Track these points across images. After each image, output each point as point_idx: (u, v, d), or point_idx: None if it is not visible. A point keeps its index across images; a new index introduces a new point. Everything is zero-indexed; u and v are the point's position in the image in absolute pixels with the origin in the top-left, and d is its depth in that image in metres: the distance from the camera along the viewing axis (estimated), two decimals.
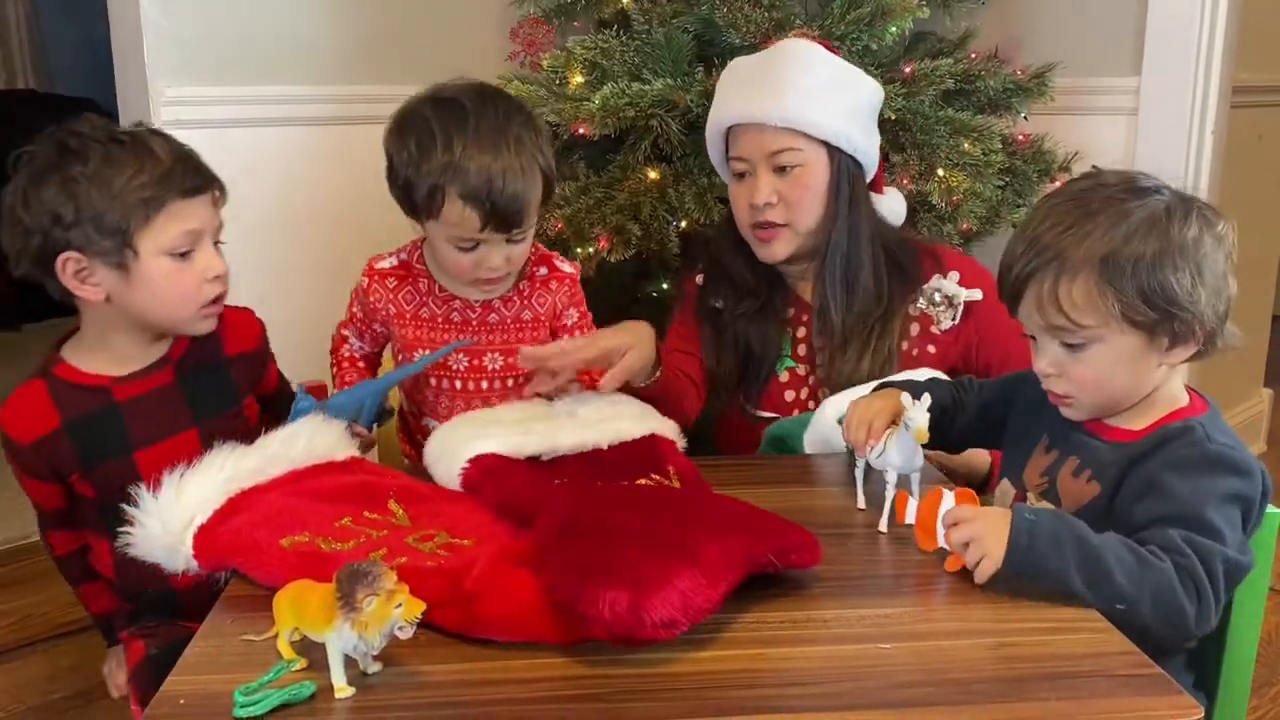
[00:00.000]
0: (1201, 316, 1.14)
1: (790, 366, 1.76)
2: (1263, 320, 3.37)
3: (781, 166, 1.66)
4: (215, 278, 1.37)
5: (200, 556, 1.17)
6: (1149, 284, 1.12)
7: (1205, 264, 1.13)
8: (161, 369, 1.42)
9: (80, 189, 1.30)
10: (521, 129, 1.47)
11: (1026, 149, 2.33)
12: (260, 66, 2.33)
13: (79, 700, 2.11)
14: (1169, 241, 1.13)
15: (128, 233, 1.31)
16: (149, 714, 0.93)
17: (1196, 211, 1.16)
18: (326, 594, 0.94)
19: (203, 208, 1.36)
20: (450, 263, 1.52)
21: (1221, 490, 1.12)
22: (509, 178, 1.42)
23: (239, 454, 1.28)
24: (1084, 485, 1.21)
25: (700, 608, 0.99)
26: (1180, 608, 1.06)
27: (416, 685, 0.97)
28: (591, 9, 2.34)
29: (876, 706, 0.92)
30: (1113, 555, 1.06)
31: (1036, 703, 0.92)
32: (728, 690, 0.96)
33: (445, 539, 1.19)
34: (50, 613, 2.38)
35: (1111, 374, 1.18)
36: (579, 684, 0.97)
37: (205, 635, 1.06)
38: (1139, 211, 1.14)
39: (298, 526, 1.18)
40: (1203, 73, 2.52)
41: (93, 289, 1.34)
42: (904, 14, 2.13)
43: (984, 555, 1.08)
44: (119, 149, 1.32)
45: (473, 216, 1.43)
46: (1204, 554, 1.08)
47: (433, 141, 1.43)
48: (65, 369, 1.40)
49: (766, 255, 1.71)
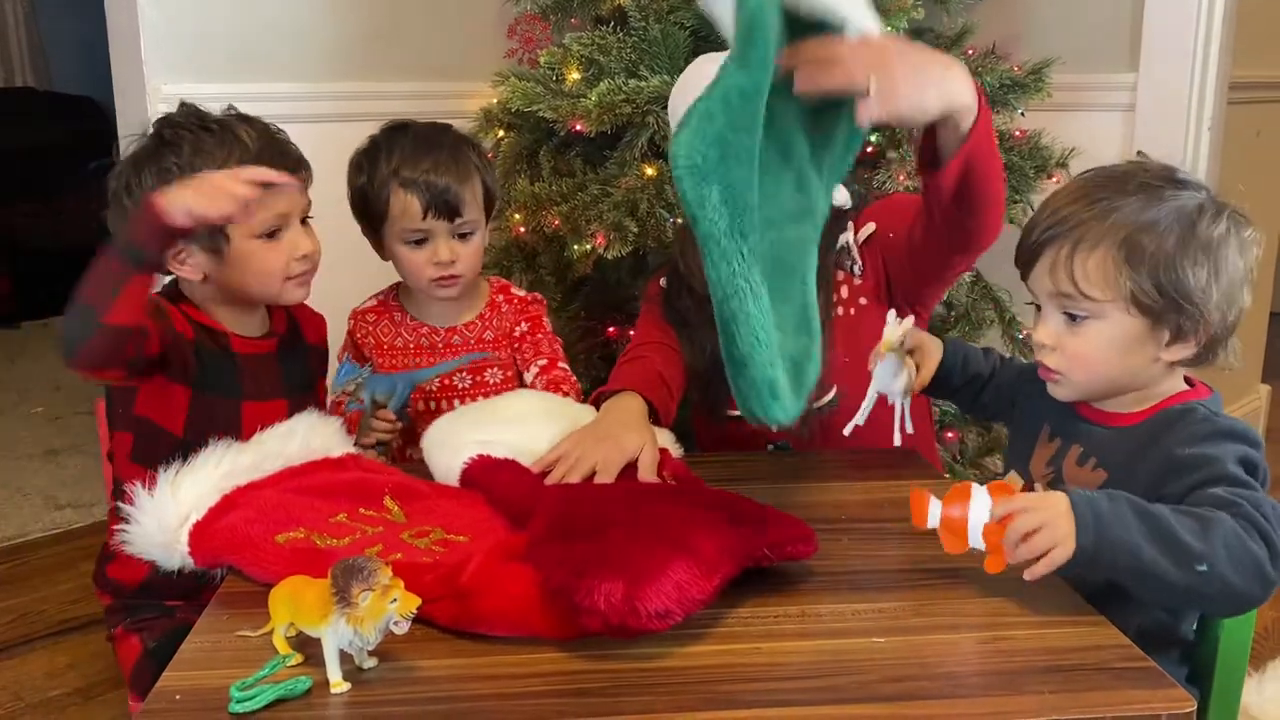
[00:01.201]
0: (1208, 317, 1.14)
1: None
2: (1261, 316, 3.37)
3: None
4: (303, 256, 1.46)
5: (196, 553, 1.17)
6: (1165, 270, 1.12)
7: (1224, 266, 1.14)
8: (269, 339, 1.54)
9: (174, 179, 1.35)
10: (459, 142, 1.68)
11: (1024, 145, 2.33)
12: (258, 63, 2.33)
13: (78, 697, 2.11)
14: (1194, 235, 1.13)
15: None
16: (145, 709, 0.93)
17: (1229, 213, 1.16)
18: (322, 589, 0.95)
19: (288, 191, 1.42)
20: (408, 265, 1.67)
21: (1237, 454, 1.11)
22: (443, 169, 1.62)
23: (235, 450, 1.28)
24: (1090, 473, 1.21)
25: (695, 599, 1.00)
26: (1254, 555, 1.01)
27: (412, 680, 0.97)
28: (588, 6, 2.34)
29: (871, 700, 0.93)
30: (1173, 518, 1.01)
31: (1030, 696, 0.92)
32: (722, 684, 0.96)
33: (440, 535, 1.19)
34: (49, 610, 2.39)
35: (1105, 355, 1.18)
36: (574, 678, 0.97)
37: (201, 631, 1.07)
38: (1171, 201, 1.15)
39: (293, 523, 1.18)
40: (1200, 68, 2.52)
41: (191, 269, 1.44)
42: (900, 12, 2.13)
43: (1054, 544, 1.01)
44: (209, 137, 1.41)
45: (413, 202, 1.61)
46: (1252, 500, 1.04)
47: (378, 154, 1.65)
48: (189, 308, 1.47)
49: None
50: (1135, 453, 1.17)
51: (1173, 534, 1.00)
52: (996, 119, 2.30)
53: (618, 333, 2.23)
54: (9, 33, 5.51)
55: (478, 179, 1.66)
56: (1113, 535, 1.00)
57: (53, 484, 3.08)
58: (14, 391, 3.83)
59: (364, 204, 1.67)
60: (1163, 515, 1.02)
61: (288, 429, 1.36)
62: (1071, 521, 1.01)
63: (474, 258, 1.68)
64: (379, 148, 1.66)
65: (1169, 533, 1.01)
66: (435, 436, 1.42)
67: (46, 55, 5.66)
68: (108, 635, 1.53)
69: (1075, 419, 1.25)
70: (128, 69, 2.21)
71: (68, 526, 2.79)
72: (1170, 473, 1.12)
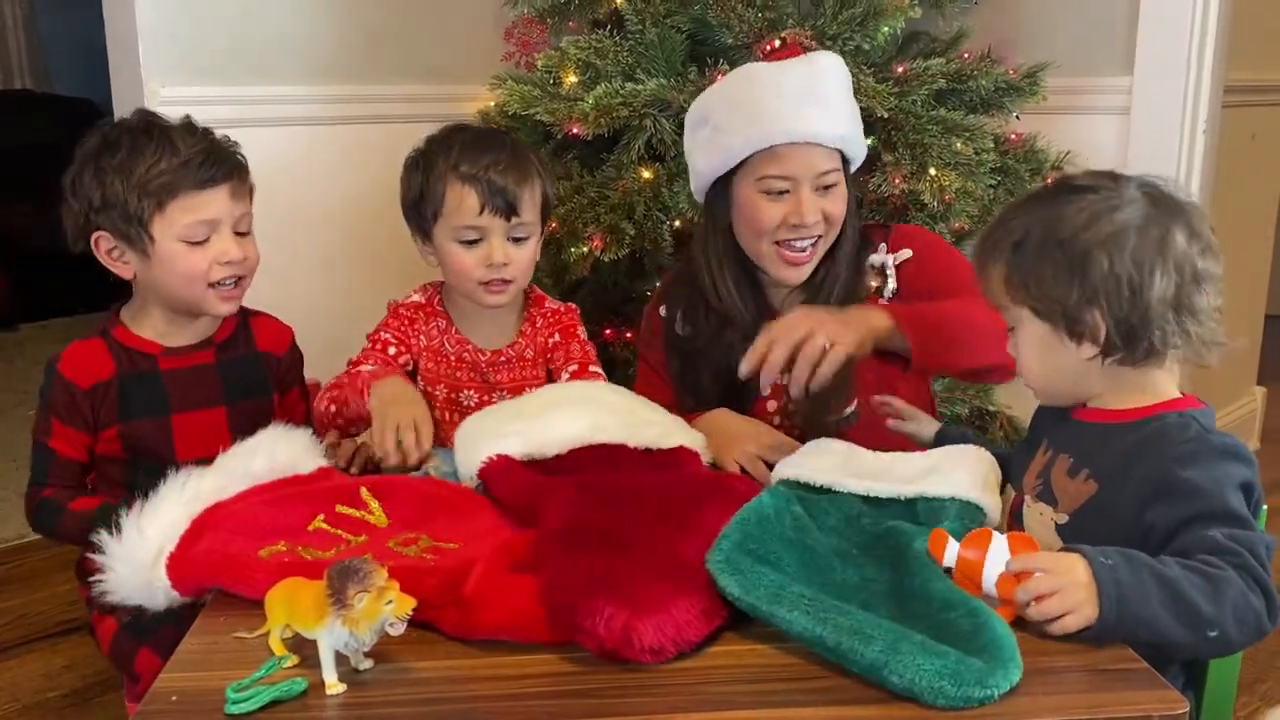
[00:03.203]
0: (1083, 314, 1.13)
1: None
2: (1256, 319, 3.38)
3: (824, 185, 1.60)
4: (228, 263, 1.48)
5: (178, 584, 1.13)
6: (1030, 273, 1.15)
7: (1091, 258, 1.11)
8: (204, 349, 1.56)
9: (108, 178, 1.44)
10: (520, 146, 1.64)
11: (1019, 148, 2.33)
12: (255, 66, 2.33)
13: (75, 699, 2.11)
14: (1055, 232, 1.14)
15: (144, 219, 1.44)
16: (142, 709, 0.93)
17: (1106, 202, 1.14)
18: (318, 591, 0.95)
19: (218, 198, 1.47)
20: (458, 266, 1.60)
21: (1235, 478, 1.10)
22: (504, 166, 1.57)
23: (198, 475, 1.25)
24: (1080, 485, 1.20)
25: (690, 640, 1.00)
26: (1255, 612, 1.02)
27: (407, 682, 0.97)
28: (585, 9, 2.35)
29: (865, 701, 0.93)
30: (1187, 582, 1.01)
31: (1024, 697, 0.92)
32: (717, 685, 0.96)
33: (428, 542, 1.19)
34: (47, 611, 2.39)
35: (1031, 362, 1.21)
36: (569, 680, 0.97)
37: (198, 632, 1.07)
38: (1065, 204, 1.15)
39: (272, 535, 1.17)
40: (1195, 72, 2.53)
41: (124, 266, 1.49)
42: (896, 14, 2.14)
43: (1069, 611, 0.99)
44: (145, 140, 1.45)
45: (471, 196, 1.56)
46: (1250, 546, 1.04)
47: (437, 150, 1.61)
48: (122, 331, 1.54)
49: (794, 276, 1.64)
50: (1127, 461, 1.16)
51: (1188, 601, 1.00)
52: (992, 122, 2.31)
53: (615, 335, 2.24)
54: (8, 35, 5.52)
55: (538, 183, 1.62)
56: (1135, 610, 0.99)
57: None
58: (11, 394, 3.83)
59: (419, 201, 1.62)
60: (1179, 581, 1.01)
61: (250, 446, 1.33)
62: (1090, 591, 0.99)
63: (528, 264, 1.63)
64: (438, 144, 1.63)
65: (1185, 599, 1.00)
66: (463, 434, 1.41)
67: (45, 57, 5.66)
68: (89, 626, 1.55)
69: (1064, 423, 1.25)
70: (126, 71, 2.21)
71: None
72: (1165, 494, 1.11)
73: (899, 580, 1.08)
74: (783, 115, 1.58)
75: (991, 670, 0.92)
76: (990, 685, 0.91)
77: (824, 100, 1.60)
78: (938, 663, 0.92)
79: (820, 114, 1.58)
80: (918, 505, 1.24)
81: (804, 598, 1.02)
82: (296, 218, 2.40)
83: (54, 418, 1.50)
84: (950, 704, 0.90)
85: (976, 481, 1.25)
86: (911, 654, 0.93)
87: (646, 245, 2.12)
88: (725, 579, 1.05)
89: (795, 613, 0.99)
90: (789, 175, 1.59)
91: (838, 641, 0.96)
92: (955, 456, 1.32)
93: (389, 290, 2.64)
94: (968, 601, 1.00)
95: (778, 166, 1.59)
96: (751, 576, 1.05)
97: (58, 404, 1.49)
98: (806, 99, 1.59)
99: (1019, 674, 0.93)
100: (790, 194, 1.59)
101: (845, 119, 1.62)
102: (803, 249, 1.62)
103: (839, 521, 1.22)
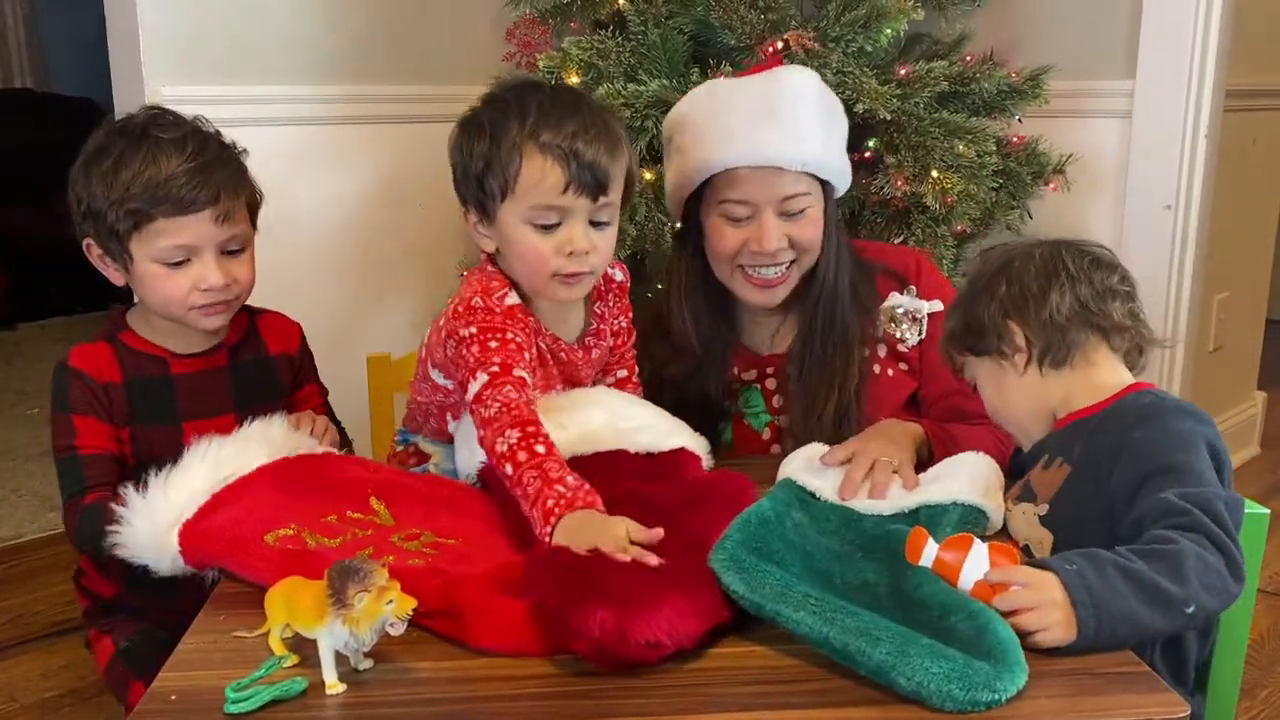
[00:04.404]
0: (1001, 329, 1.26)
1: (770, 421, 1.66)
2: (1257, 323, 3.38)
3: (790, 211, 1.51)
4: (206, 289, 1.39)
5: (186, 554, 1.16)
6: (954, 318, 1.33)
7: (992, 286, 1.28)
8: (216, 353, 1.50)
9: (94, 187, 1.37)
10: (604, 109, 1.42)
11: (1021, 151, 2.34)
12: (256, 66, 2.33)
13: (72, 699, 2.11)
14: (971, 283, 1.33)
15: (121, 236, 1.38)
16: (140, 708, 0.93)
17: (1001, 251, 1.33)
18: (318, 590, 0.95)
19: (198, 223, 1.37)
20: (529, 252, 1.34)
21: (1188, 432, 1.14)
22: (592, 136, 1.32)
23: (218, 442, 1.28)
24: (1055, 472, 1.22)
25: (687, 634, 0.99)
26: (1218, 573, 1.03)
27: (407, 682, 0.97)
28: (587, 10, 2.35)
29: (864, 704, 0.93)
30: (1150, 569, 1.02)
31: (1025, 701, 0.92)
32: (717, 687, 0.96)
33: (430, 538, 1.19)
34: (44, 611, 2.38)
35: (994, 401, 1.32)
36: (568, 680, 0.97)
37: (197, 631, 1.07)
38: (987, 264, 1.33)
39: (282, 521, 1.17)
40: (1197, 76, 2.53)
41: (115, 274, 1.44)
42: (899, 16, 2.14)
43: (1045, 628, 0.99)
44: (134, 151, 1.36)
45: (555, 170, 1.30)
46: (1203, 503, 1.06)
47: (508, 116, 1.33)
48: (129, 336, 1.47)
49: (764, 299, 1.57)
50: (1092, 440, 1.21)
51: (1157, 588, 1.01)
52: (994, 125, 2.31)
53: None
54: (8, 34, 5.52)
55: (626, 157, 1.37)
56: (1111, 610, 1.00)
57: (48, 485, 3.07)
58: (10, 393, 3.83)
59: (482, 174, 1.34)
60: (1142, 572, 1.01)
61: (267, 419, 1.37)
62: (1066, 610, 0.99)
63: (609, 253, 1.40)
64: (508, 106, 1.34)
65: (1153, 587, 1.01)
66: (464, 430, 1.37)
67: (45, 56, 5.66)
68: (85, 640, 1.54)
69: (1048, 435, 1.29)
70: (126, 70, 2.21)
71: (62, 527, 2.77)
72: (1121, 458, 1.15)
73: (897, 583, 1.08)
74: (737, 137, 1.48)
75: (999, 674, 0.91)
76: (999, 689, 0.91)
77: (786, 121, 1.49)
78: (945, 666, 0.91)
79: (781, 137, 1.48)
80: (920, 512, 1.23)
81: (810, 597, 1.01)
82: (298, 217, 2.40)
83: (74, 415, 1.41)
84: (958, 708, 0.90)
85: (978, 486, 1.25)
86: (919, 657, 0.92)
87: (648, 247, 2.12)
88: (730, 577, 1.04)
89: (802, 612, 0.99)
90: (748, 200, 1.50)
91: (845, 643, 0.95)
92: (955, 464, 1.32)
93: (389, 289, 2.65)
94: (968, 605, 1.00)
95: (736, 190, 1.50)
96: (756, 575, 1.04)
97: (75, 399, 1.41)
98: (765, 120, 1.49)
99: (1025, 677, 0.93)
100: (752, 219, 1.51)
101: (812, 141, 1.51)
102: (771, 275, 1.55)
103: (839, 524, 1.22)
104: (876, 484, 1.29)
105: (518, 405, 1.24)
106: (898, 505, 1.25)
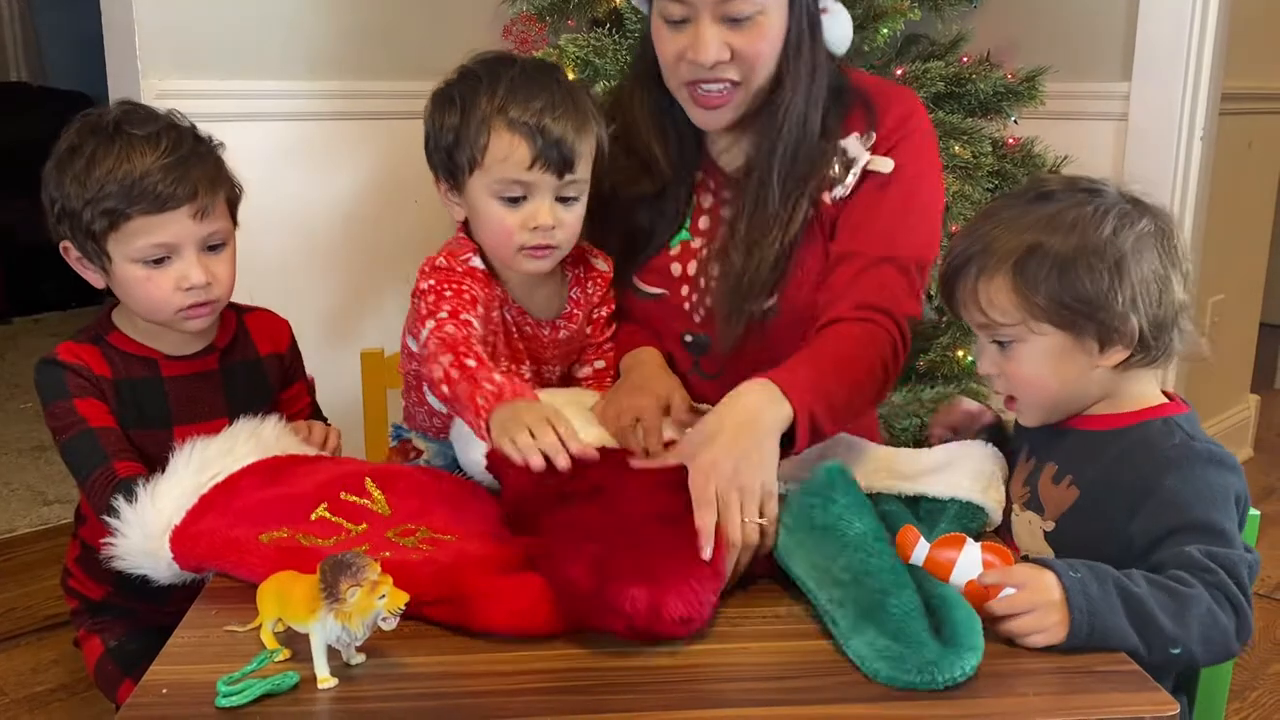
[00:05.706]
0: (1124, 317, 1.12)
1: (685, 240, 1.51)
2: (1250, 327, 3.39)
3: (733, 17, 1.34)
4: (190, 288, 1.35)
5: (180, 558, 1.15)
6: (1062, 284, 1.12)
7: (1126, 265, 1.11)
8: (207, 355, 1.45)
9: (67, 187, 1.32)
10: (574, 85, 1.40)
11: (1016, 152, 2.34)
12: (251, 61, 2.33)
13: (63, 693, 2.11)
14: (1085, 240, 1.11)
15: (98, 236, 1.33)
16: (132, 702, 0.93)
17: (1118, 209, 1.13)
18: (310, 585, 0.95)
19: (177, 221, 1.33)
20: (495, 227, 1.36)
21: (1220, 489, 1.10)
22: (559, 112, 1.32)
23: (204, 442, 1.26)
24: (1064, 491, 1.20)
25: (711, 602, 1.03)
26: (1223, 630, 1.02)
27: (399, 676, 0.97)
28: (584, 7, 2.34)
29: (856, 700, 0.93)
30: (1153, 599, 1.01)
31: (1015, 698, 0.93)
32: (710, 683, 0.96)
33: (426, 534, 1.19)
34: (35, 605, 2.38)
35: (1040, 374, 1.17)
36: (562, 676, 0.97)
37: (189, 625, 1.06)
38: (1068, 212, 1.13)
39: (275, 522, 1.17)
40: (1193, 79, 2.53)
41: (94, 276, 1.38)
42: (896, 16, 2.14)
43: (1039, 630, 0.99)
44: (106, 149, 1.31)
45: (521, 146, 1.31)
46: (1229, 565, 1.04)
47: (477, 90, 1.34)
48: (118, 336, 1.41)
49: (708, 121, 1.43)
50: (1112, 470, 1.16)
51: (1152, 619, 1.00)
52: (990, 126, 2.31)
53: None
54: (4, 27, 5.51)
55: (594, 132, 1.37)
56: (1102, 623, 1.00)
57: (40, 479, 3.07)
58: (4, 386, 3.82)
59: (451, 147, 1.35)
60: (1144, 599, 1.01)
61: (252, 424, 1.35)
62: (1062, 611, 0.99)
63: (576, 228, 1.39)
64: (479, 79, 1.35)
65: (1149, 618, 1.00)
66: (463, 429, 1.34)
67: (41, 50, 5.65)
68: (74, 639, 1.53)
69: (1048, 433, 1.24)
70: (122, 65, 2.20)
71: (55, 522, 2.78)
72: (1147, 502, 1.11)
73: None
74: None
75: (943, 655, 0.94)
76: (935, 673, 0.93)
77: None
78: (882, 644, 0.96)
79: None
80: (921, 505, 1.23)
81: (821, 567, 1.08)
82: (292, 212, 2.40)
83: (75, 399, 1.35)
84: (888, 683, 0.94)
85: (979, 482, 1.24)
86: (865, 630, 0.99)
87: None
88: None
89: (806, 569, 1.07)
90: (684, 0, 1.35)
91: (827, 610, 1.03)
92: (960, 453, 1.30)
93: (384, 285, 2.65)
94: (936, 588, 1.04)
95: None
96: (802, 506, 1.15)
97: (74, 386, 1.35)
98: None
99: (976, 660, 0.94)
100: (690, 23, 1.36)
101: None
102: (713, 91, 1.39)
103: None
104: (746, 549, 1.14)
105: (453, 337, 1.26)
106: (896, 486, 1.26)
